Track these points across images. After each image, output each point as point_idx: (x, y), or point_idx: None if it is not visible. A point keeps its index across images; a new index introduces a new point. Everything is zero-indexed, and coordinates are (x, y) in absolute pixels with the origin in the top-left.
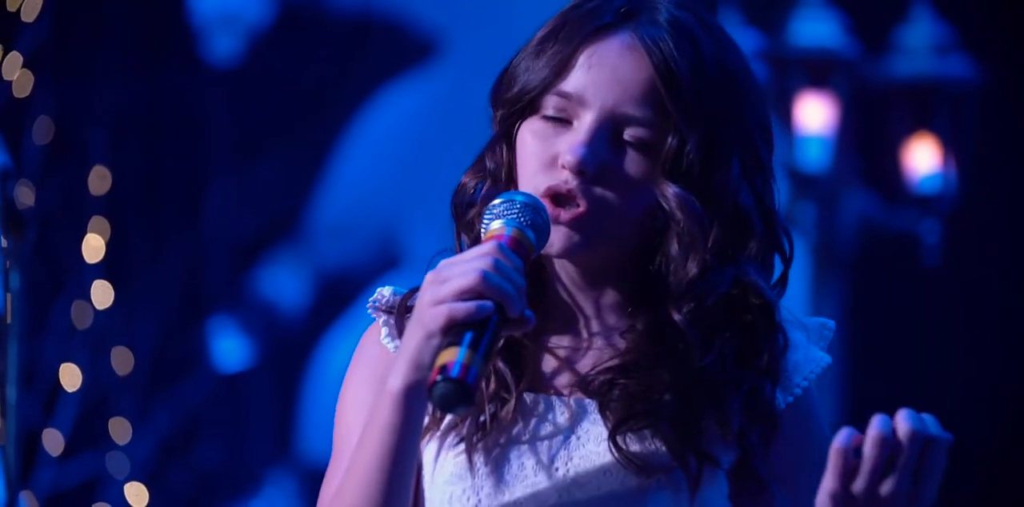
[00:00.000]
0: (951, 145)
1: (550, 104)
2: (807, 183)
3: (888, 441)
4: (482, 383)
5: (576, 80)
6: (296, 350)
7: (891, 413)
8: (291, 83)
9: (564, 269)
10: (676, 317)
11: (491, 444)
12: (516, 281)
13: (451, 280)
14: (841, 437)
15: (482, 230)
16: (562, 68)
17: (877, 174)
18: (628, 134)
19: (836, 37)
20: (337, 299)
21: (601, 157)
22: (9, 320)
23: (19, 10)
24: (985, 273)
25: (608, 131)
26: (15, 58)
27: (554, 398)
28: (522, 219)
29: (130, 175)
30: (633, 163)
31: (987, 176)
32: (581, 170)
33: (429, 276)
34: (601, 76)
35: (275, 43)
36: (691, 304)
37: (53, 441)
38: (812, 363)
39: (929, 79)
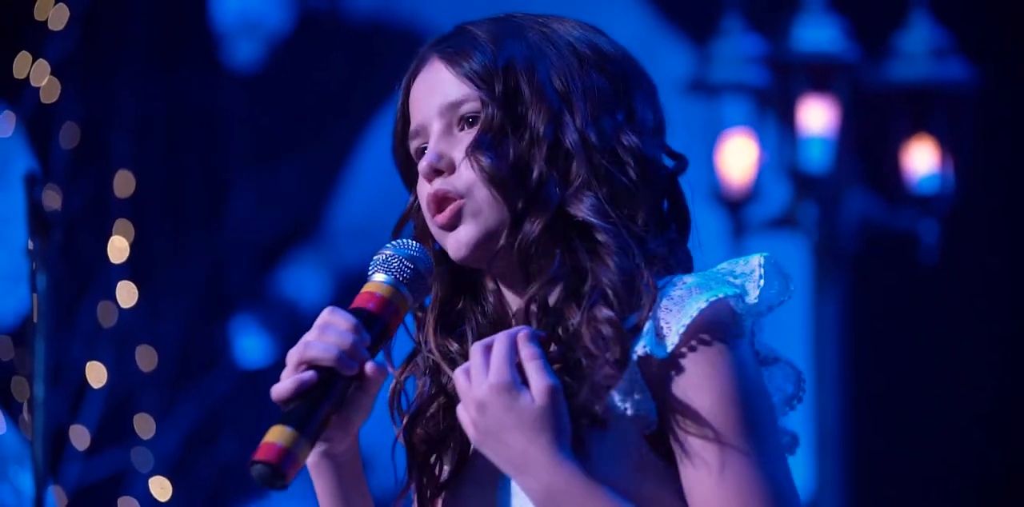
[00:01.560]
0: (949, 147)
1: (415, 148)
2: (809, 183)
3: (480, 348)
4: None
5: (413, 115)
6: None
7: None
8: (310, 88)
9: (487, 283)
10: (506, 285)
11: (449, 495)
12: (345, 341)
13: (289, 357)
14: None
15: (369, 276)
16: (404, 115)
17: (877, 175)
18: (461, 119)
19: (837, 42)
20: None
21: (444, 151)
22: (36, 320)
23: (47, 20)
24: (982, 271)
25: (447, 129)
26: (43, 66)
27: None
28: (398, 274)
29: (154, 178)
30: (468, 141)
31: (984, 177)
32: (432, 170)
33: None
34: (421, 95)
35: (294, 49)
36: (514, 251)
37: (80, 436)
38: (696, 303)
39: (927, 83)
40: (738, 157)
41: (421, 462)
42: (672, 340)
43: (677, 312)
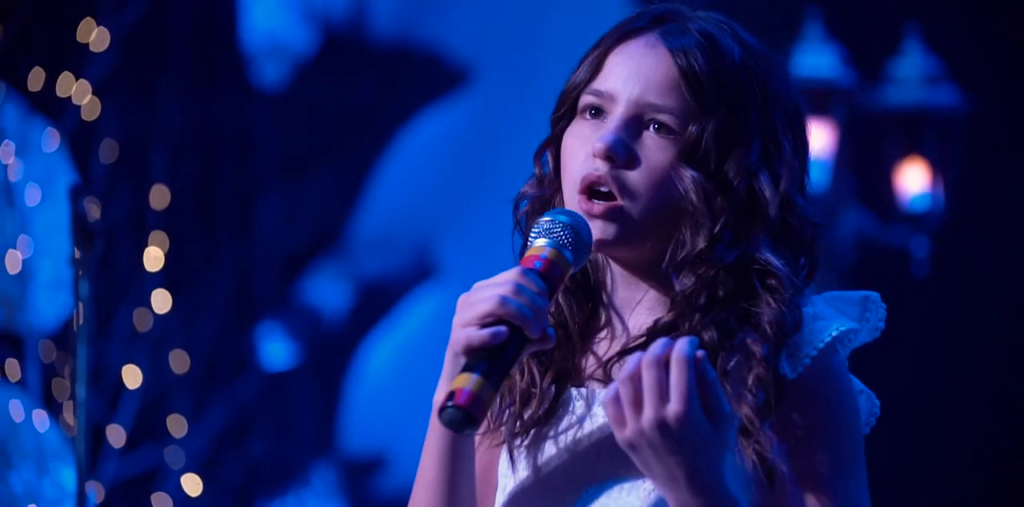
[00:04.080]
0: (939, 168)
1: (586, 103)
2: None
3: (654, 364)
4: (505, 392)
5: (606, 77)
6: (338, 352)
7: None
8: (334, 107)
9: (610, 270)
10: (678, 287)
11: (530, 439)
12: (536, 304)
13: (475, 305)
14: (629, 364)
15: (529, 243)
16: (596, 69)
17: (872, 194)
18: (653, 122)
19: (835, 68)
20: (376, 306)
21: (628, 143)
22: (78, 325)
23: (89, 43)
24: (970, 284)
25: (636, 120)
26: (84, 85)
27: (577, 390)
28: (563, 239)
29: (187, 192)
30: (659, 149)
31: (972, 196)
32: (608, 155)
33: (461, 299)
34: (627, 70)
35: (319, 70)
36: (693, 274)
37: (116, 435)
38: (822, 333)
39: (919, 107)
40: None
41: (519, 402)
42: (801, 362)
43: (806, 337)
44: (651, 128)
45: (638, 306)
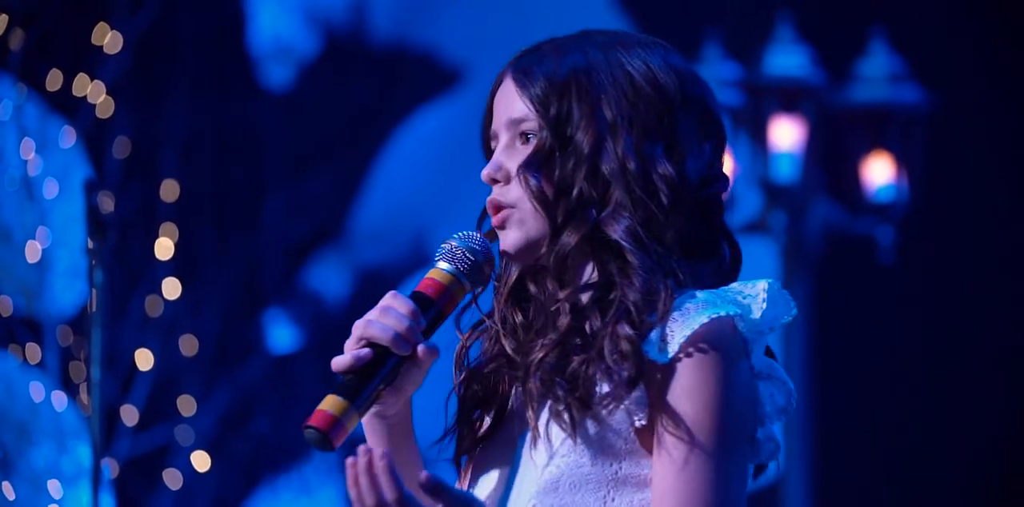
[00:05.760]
0: (903, 161)
1: (492, 145)
2: (778, 194)
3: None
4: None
5: (493, 120)
6: (339, 336)
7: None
8: (337, 106)
9: (540, 279)
10: (549, 282)
11: (481, 449)
12: (402, 323)
13: (353, 331)
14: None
15: (434, 263)
16: (488, 119)
17: (839, 186)
18: (522, 135)
19: (804, 68)
20: (375, 293)
21: (503, 164)
22: (93, 311)
23: (104, 45)
24: (933, 270)
25: (512, 140)
26: (99, 85)
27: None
28: (459, 264)
29: (197, 186)
30: (519, 157)
31: (934, 187)
32: (490, 180)
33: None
34: (497, 108)
35: (322, 72)
36: (551, 258)
37: (129, 415)
38: (696, 319)
39: (884, 105)
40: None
41: (467, 416)
42: (672, 348)
43: (682, 323)
44: (522, 141)
45: (559, 304)
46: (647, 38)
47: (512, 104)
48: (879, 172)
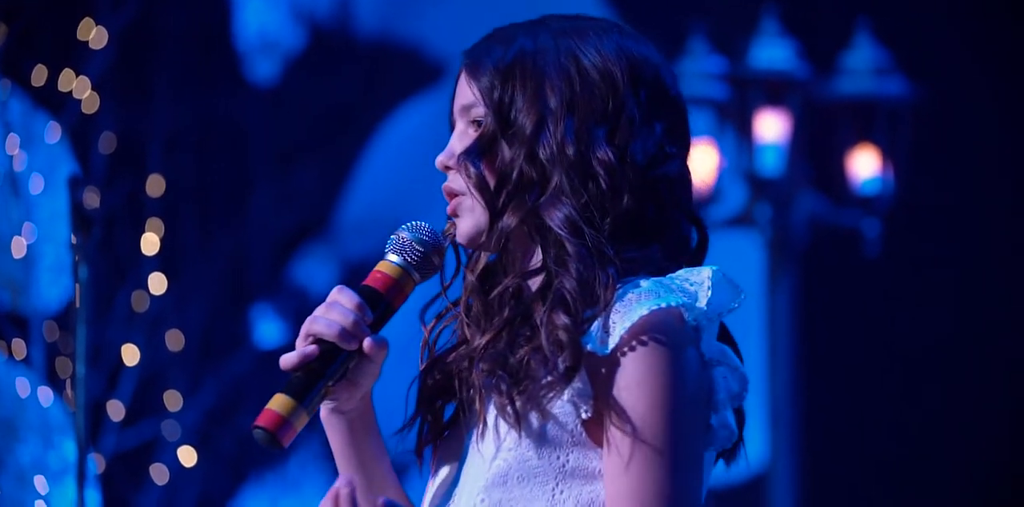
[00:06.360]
0: (889, 154)
1: None
2: (764, 186)
3: None
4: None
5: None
6: None
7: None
8: (322, 100)
9: (501, 267)
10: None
11: (442, 440)
12: (347, 318)
13: (303, 327)
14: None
15: (384, 256)
16: (450, 109)
17: (825, 179)
18: (474, 122)
19: (790, 61)
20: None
21: (456, 150)
22: (78, 306)
23: (89, 41)
24: (918, 262)
25: (464, 128)
26: (84, 81)
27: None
28: (408, 257)
29: (182, 181)
30: (467, 143)
31: (919, 180)
32: (443, 167)
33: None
34: (455, 94)
35: (308, 66)
36: (491, 244)
37: (116, 409)
38: (638, 310)
39: (870, 97)
40: (700, 163)
41: (427, 406)
42: (613, 340)
43: (623, 314)
44: (472, 127)
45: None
46: (605, 22)
47: (464, 91)
48: (865, 165)
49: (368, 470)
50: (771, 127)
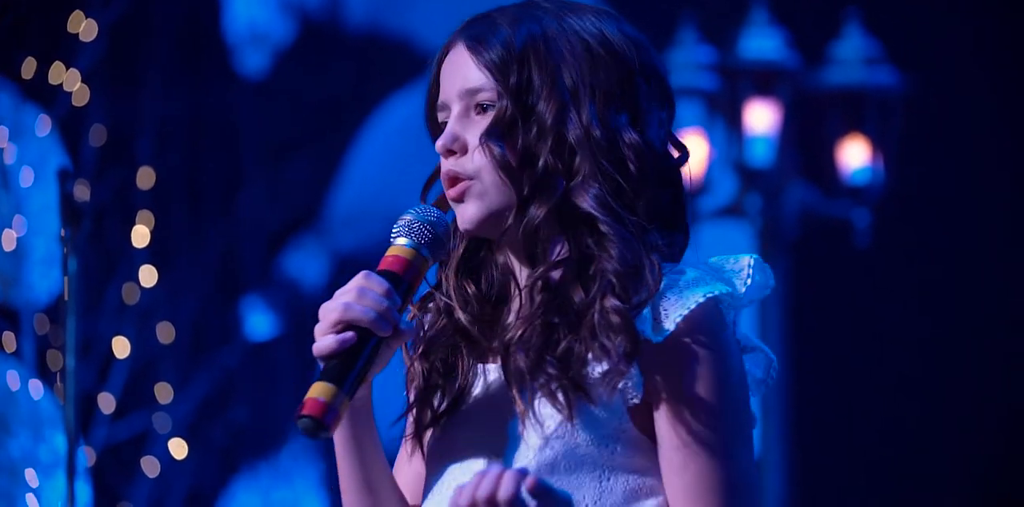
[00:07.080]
0: (878, 144)
1: (440, 118)
2: (754, 177)
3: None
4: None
5: (441, 91)
6: (316, 323)
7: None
8: (312, 93)
9: (500, 252)
10: (512, 255)
11: (440, 428)
12: (381, 304)
13: (327, 314)
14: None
15: (391, 240)
16: (435, 90)
17: (815, 169)
18: (478, 106)
19: (779, 51)
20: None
21: (459, 134)
22: (68, 299)
23: (79, 33)
24: (908, 253)
25: (466, 111)
26: (74, 73)
27: (483, 366)
28: (419, 238)
29: (173, 173)
30: (477, 127)
31: (909, 170)
32: (445, 151)
33: (320, 308)
34: (448, 77)
35: (298, 59)
36: (519, 232)
37: (107, 402)
38: (691, 298)
39: (860, 87)
40: (691, 153)
41: (423, 394)
42: (668, 327)
43: (676, 302)
44: (478, 111)
45: (520, 274)
46: (596, 7)
47: (468, 73)
48: (855, 155)
49: (368, 460)
50: (761, 117)
